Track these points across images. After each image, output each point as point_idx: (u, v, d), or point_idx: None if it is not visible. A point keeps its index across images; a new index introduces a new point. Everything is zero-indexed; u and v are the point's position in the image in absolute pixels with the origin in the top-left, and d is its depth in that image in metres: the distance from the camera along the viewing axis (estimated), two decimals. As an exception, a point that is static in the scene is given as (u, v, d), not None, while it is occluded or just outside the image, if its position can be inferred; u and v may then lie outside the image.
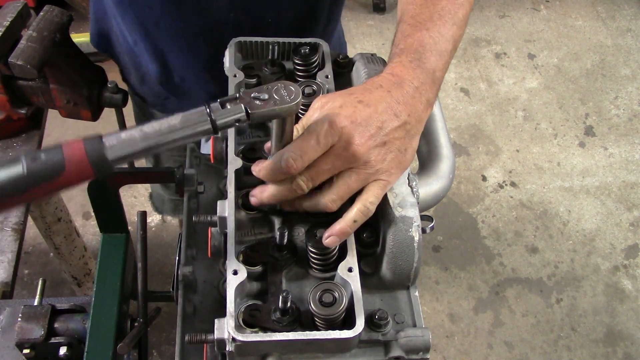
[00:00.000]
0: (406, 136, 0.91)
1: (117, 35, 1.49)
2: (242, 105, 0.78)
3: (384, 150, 0.88)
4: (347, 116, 0.86)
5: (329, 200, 0.88)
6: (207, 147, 1.20)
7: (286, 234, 0.91)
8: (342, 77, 1.19)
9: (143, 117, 1.72)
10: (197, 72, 1.45)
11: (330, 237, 0.88)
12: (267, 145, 0.93)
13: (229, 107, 0.78)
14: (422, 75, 0.94)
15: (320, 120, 0.85)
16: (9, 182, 0.72)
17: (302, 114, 1.09)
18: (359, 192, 0.90)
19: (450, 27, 1.02)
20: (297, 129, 0.92)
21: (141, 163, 1.87)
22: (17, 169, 0.72)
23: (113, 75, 1.54)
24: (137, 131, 0.76)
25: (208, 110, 0.77)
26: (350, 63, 1.19)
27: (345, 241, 0.91)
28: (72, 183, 0.75)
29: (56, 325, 1.15)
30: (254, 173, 0.90)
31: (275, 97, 0.80)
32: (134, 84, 1.61)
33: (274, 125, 0.85)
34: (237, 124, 0.79)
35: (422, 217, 0.94)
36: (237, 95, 0.79)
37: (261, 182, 1.03)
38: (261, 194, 0.91)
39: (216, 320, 0.85)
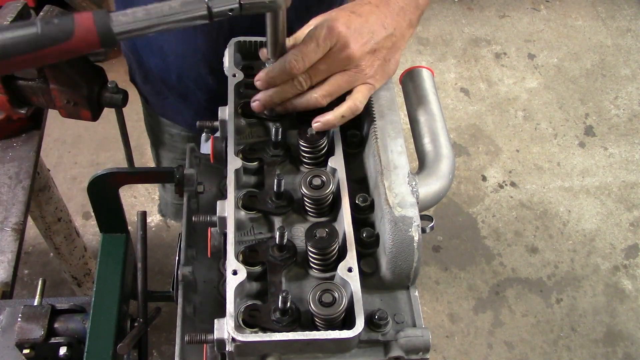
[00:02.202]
0: (392, 47, 1.02)
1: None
2: None
3: (373, 57, 1.00)
4: (343, 23, 0.96)
5: (321, 95, 0.99)
6: (207, 147, 1.20)
7: (286, 234, 0.91)
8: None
9: (151, 120, 1.73)
10: (195, 65, 1.45)
11: (317, 122, 1.00)
12: (264, 52, 1.03)
13: None
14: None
15: (320, 26, 0.96)
16: (23, 40, 0.80)
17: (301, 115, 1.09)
18: (347, 94, 1.01)
19: None
20: (292, 39, 1.02)
21: (141, 163, 1.87)
22: (32, 29, 0.80)
23: (113, 75, 1.54)
24: (141, 10, 0.84)
25: None
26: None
27: (345, 241, 0.91)
28: (79, 49, 0.83)
29: (56, 325, 1.15)
30: (259, 83, 1.00)
31: None
32: (139, 84, 1.62)
33: (267, 22, 0.94)
34: (230, 13, 0.86)
35: (422, 217, 0.94)
36: None
37: (258, 184, 1.03)
38: (266, 94, 1.01)
39: (216, 321, 0.85)
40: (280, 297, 0.84)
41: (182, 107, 1.58)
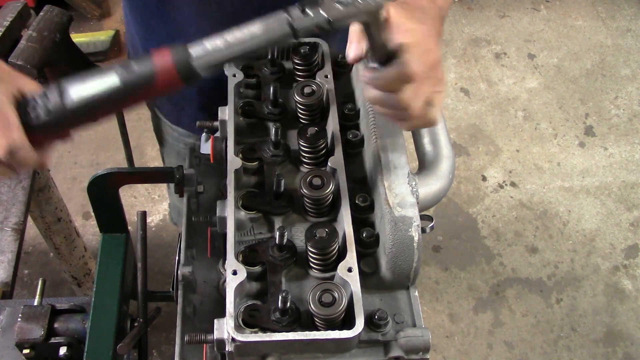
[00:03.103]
0: None
1: (134, 39, 1.48)
2: (321, 10, 0.79)
3: None
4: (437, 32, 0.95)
5: (437, 115, 0.95)
6: (207, 147, 1.20)
7: (286, 234, 0.91)
8: (342, 76, 1.19)
9: (164, 131, 1.71)
10: (216, 77, 1.43)
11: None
12: (352, 56, 0.92)
13: (310, 13, 0.79)
14: (434, 5, 0.99)
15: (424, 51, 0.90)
16: (104, 94, 0.77)
17: (302, 115, 1.09)
18: None
19: None
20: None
21: (141, 163, 1.87)
22: (112, 81, 0.77)
23: (113, 75, 1.54)
24: (221, 40, 0.79)
25: (288, 17, 0.79)
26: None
27: (345, 241, 0.91)
28: (161, 92, 0.80)
29: (56, 325, 1.15)
30: (366, 79, 0.91)
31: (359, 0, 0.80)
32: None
33: (366, 32, 0.85)
34: (317, 29, 0.80)
35: (422, 217, 0.94)
36: (318, 0, 0.80)
37: (258, 184, 1.03)
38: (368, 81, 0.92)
39: (216, 321, 0.85)
40: (280, 297, 0.84)
41: (200, 116, 1.56)
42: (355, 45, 0.91)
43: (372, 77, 0.90)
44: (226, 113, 1.06)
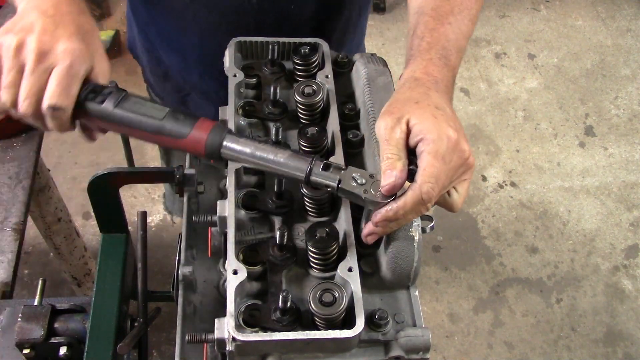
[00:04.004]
0: None
1: (136, 34, 1.51)
2: (338, 177, 0.88)
3: None
4: (449, 126, 0.88)
5: (461, 202, 0.95)
6: (207, 147, 1.20)
7: (286, 233, 0.91)
8: (342, 77, 1.19)
9: None
10: (217, 64, 1.44)
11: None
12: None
13: (329, 171, 0.89)
14: (449, 74, 0.98)
15: (438, 139, 0.86)
16: (144, 121, 0.91)
17: (302, 115, 1.09)
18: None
19: (467, 23, 1.05)
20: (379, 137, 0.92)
21: (141, 163, 1.87)
22: (157, 115, 0.91)
23: (113, 75, 1.53)
24: (252, 146, 0.91)
25: (311, 165, 0.89)
26: (350, 63, 1.19)
27: (346, 241, 0.91)
28: (185, 150, 0.93)
29: (56, 325, 1.15)
30: (384, 217, 0.88)
31: (371, 188, 0.88)
32: (155, 84, 1.61)
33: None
34: (327, 188, 0.89)
35: (422, 217, 0.94)
36: (343, 167, 0.90)
37: (259, 184, 1.03)
38: (385, 229, 0.91)
39: (216, 320, 0.85)
40: (280, 296, 0.84)
41: (204, 104, 1.57)
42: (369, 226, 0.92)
43: (387, 214, 0.88)
44: (227, 113, 1.06)
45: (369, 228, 0.92)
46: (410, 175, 0.87)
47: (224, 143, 0.90)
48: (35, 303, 1.20)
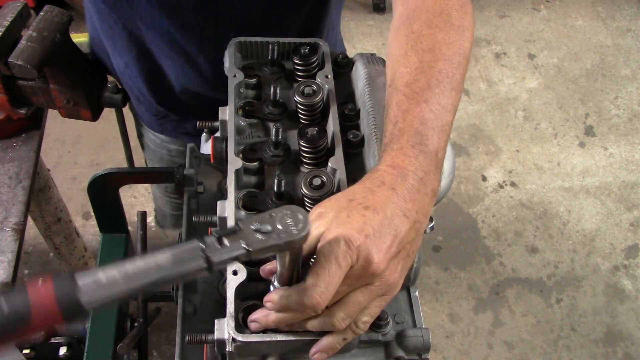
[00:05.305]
0: (416, 237, 0.82)
1: (109, 58, 1.46)
2: (241, 241, 0.68)
3: (396, 260, 0.79)
4: (360, 230, 0.76)
5: (339, 319, 0.79)
6: (207, 147, 1.20)
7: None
8: (342, 77, 1.19)
9: (146, 139, 1.69)
10: (198, 87, 1.40)
11: (317, 352, 0.82)
12: (268, 268, 0.84)
13: (226, 243, 0.69)
14: (426, 162, 0.85)
15: (335, 240, 0.75)
16: None
17: (302, 115, 1.09)
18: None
19: (449, 93, 0.91)
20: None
21: (141, 163, 1.87)
22: None
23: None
24: (118, 271, 0.65)
25: (203, 246, 0.68)
26: (349, 63, 1.19)
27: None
28: (38, 330, 0.64)
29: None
30: (267, 306, 0.80)
31: (279, 227, 0.69)
32: (133, 102, 1.57)
33: (278, 257, 0.76)
34: (235, 261, 0.70)
35: (422, 217, 0.94)
36: (236, 228, 0.70)
37: (258, 185, 1.03)
38: (266, 319, 0.81)
39: (216, 321, 0.85)
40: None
41: (185, 120, 1.52)
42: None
43: (274, 300, 0.78)
44: (226, 113, 1.06)
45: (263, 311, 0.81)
46: None
47: (81, 287, 0.63)
48: (35, 303, 1.20)
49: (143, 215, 1.23)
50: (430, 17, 0.97)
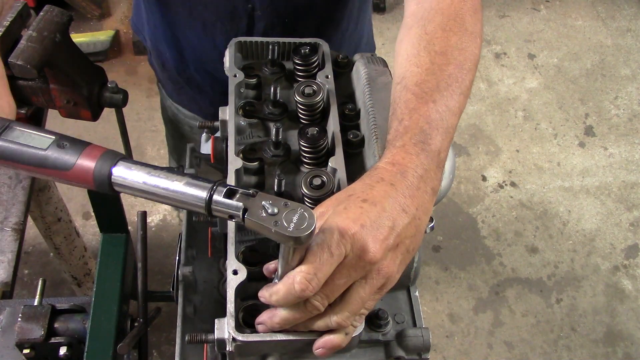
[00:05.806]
0: (416, 233, 0.82)
1: (143, 17, 1.55)
2: (244, 206, 0.72)
3: (394, 253, 0.79)
4: (355, 220, 0.76)
5: (344, 317, 0.79)
6: (207, 147, 1.20)
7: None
8: (342, 77, 1.19)
9: (169, 111, 1.75)
10: (212, 61, 1.45)
11: (320, 349, 0.82)
12: (272, 267, 0.86)
13: (233, 199, 0.72)
14: (427, 160, 0.85)
15: (328, 230, 0.75)
16: (29, 154, 0.79)
17: (302, 115, 1.09)
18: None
19: (457, 97, 0.93)
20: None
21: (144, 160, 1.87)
22: (44, 143, 0.79)
23: (113, 75, 1.54)
24: (145, 174, 0.77)
25: (212, 192, 0.73)
26: (350, 63, 1.19)
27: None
28: (72, 182, 0.80)
29: (56, 325, 1.15)
30: (263, 300, 0.81)
31: (283, 218, 0.71)
32: (157, 70, 1.64)
33: (279, 253, 0.78)
34: (230, 219, 0.74)
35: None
36: (251, 192, 0.73)
37: (258, 184, 1.03)
38: (272, 320, 0.81)
39: (216, 320, 0.85)
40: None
41: (198, 97, 1.59)
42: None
43: (266, 293, 0.79)
44: (227, 113, 1.06)
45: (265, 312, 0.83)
46: None
47: (113, 173, 0.77)
48: (35, 303, 1.20)
49: (143, 215, 1.23)
50: (444, 20, 0.98)
